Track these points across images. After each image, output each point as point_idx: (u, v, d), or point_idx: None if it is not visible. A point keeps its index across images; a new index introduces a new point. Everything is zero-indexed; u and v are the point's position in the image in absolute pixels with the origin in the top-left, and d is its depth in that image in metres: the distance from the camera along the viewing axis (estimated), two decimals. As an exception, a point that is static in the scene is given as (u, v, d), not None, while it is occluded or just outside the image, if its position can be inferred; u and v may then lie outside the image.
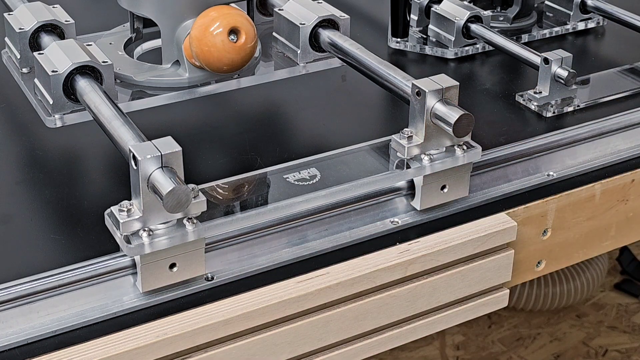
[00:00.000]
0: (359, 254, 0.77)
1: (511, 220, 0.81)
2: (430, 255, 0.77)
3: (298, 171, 0.79)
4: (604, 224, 0.90)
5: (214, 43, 0.84)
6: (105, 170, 0.88)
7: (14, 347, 0.67)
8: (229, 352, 0.70)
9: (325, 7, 0.94)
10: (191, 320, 0.69)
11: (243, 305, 0.71)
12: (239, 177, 0.78)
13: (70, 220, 0.80)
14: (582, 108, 0.98)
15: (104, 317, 0.70)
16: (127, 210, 0.69)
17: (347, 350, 0.77)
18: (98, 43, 0.91)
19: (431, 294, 0.78)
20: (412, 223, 0.80)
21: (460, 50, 1.09)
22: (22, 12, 0.92)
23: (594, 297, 2.01)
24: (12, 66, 0.92)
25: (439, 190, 0.81)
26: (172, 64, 0.91)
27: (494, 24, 1.14)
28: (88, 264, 0.71)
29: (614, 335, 1.91)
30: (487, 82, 1.06)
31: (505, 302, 0.84)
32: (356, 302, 0.75)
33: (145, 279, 0.70)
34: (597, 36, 1.18)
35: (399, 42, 1.12)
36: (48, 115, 0.83)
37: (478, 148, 0.80)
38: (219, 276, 0.73)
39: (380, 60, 0.87)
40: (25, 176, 0.86)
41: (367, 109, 1.01)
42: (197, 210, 0.70)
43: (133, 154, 0.67)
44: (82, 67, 0.82)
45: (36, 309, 0.69)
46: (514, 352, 1.86)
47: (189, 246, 0.70)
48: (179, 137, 0.69)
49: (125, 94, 0.88)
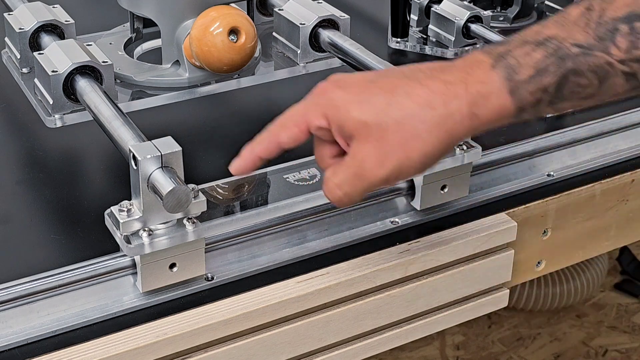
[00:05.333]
0: (359, 254, 0.77)
1: (511, 220, 0.81)
2: (430, 255, 0.77)
3: (298, 171, 0.79)
4: (603, 224, 0.90)
5: (214, 43, 0.84)
6: (105, 170, 0.88)
7: (14, 347, 0.67)
8: (229, 352, 0.70)
9: (325, 7, 0.94)
10: (191, 320, 0.69)
11: (243, 305, 0.71)
12: (239, 177, 0.78)
13: (70, 220, 0.80)
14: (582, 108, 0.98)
15: (104, 317, 0.70)
16: (127, 210, 0.69)
17: (347, 350, 0.77)
18: (98, 43, 0.91)
19: (431, 294, 0.78)
20: (412, 223, 0.80)
21: (460, 50, 1.09)
22: (22, 12, 0.92)
23: (594, 297, 2.01)
24: (12, 66, 0.92)
25: (439, 190, 0.81)
26: (172, 64, 0.91)
27: (494, 24, 1.14)
28: (88, 264, 0.71)
29: (614, 335, 1.91)
30: (487, 82, 1.06)
31: (505, 302, 0.84)
32: (356, 302, 0.75)
33: (145, 279, 0.70)
34: (597, 36, 1.18)
35: (399, 42, 1.12)
36: (48, 115, 0.83)
37: (478, 148, 0.80)
38: (219, 276, 0.73)
39: (380, 60, 0.87)
40: (25, 176, 0.86)
41: (367, 109, 1.01)
42: (197, 210, 0.70)
43: (133, 154, 0.67)
44: (82, 67, 0.82)
45: (36, 309, 0.69)
46: (514, 352, 1.86)
47: (189, 246, 0.70)
48: (179, 137, 0.69)
49: (125, 94, 0.88)
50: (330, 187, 0.66)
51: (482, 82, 0.64)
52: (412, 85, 0.64)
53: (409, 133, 0.63)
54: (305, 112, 0.67)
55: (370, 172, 0.64)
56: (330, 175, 0.66)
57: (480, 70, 0.64)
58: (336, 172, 0.66)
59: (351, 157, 0.65)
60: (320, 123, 0.66)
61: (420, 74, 0.65)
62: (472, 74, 0.64)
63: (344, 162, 0.65)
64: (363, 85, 0.66)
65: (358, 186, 0.65)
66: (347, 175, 0.65)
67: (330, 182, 0.66)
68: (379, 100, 0.64)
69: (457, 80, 0.64)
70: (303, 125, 0.66)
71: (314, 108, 0.66)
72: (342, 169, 0.65)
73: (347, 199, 0.66)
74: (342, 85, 0.66)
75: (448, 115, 0.63)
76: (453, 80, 0.64)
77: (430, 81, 0.64)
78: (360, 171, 0.64)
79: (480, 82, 0.64)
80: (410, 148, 0.64)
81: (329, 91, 0.66)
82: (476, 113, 0.64)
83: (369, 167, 0.64)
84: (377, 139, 0.64)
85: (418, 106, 0.64)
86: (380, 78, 0.67)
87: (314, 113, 0.66)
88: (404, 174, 0.65)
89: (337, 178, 0.65)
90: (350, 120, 0.64)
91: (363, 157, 0.64)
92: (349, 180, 0.65)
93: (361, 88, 0.65)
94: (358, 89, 0.65)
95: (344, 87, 0.66)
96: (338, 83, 0.67)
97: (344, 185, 0.65)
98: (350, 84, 0.66)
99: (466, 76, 0.64)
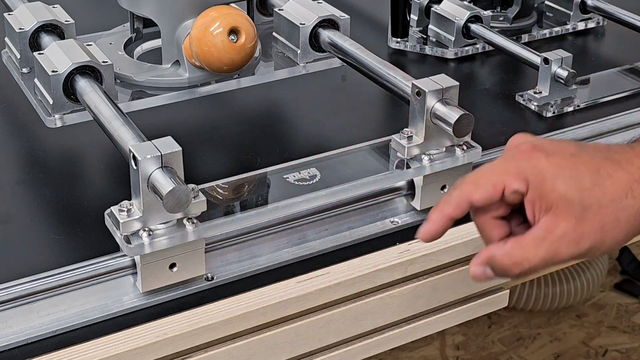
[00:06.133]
0: (359, 254, 0.77)
1: (511, 220, 0.81)
2: (430, 255, 0.77)
3: (298, 171, 0.79)
4: (604, 224, 0.90)
5: (214, 43, 0.84)
6: (105, 170, 0.88)
7: (14, 347, 0.67)
8: (229, 352, 0.70)
9: (325, 7, 0.94)
10: (191, 320, 0.69)
11: (243, 305, 0.71)
12: (239, 177, 0.78)
13: (70, 220, 0.80)
14: (582, 108, 0.98)
15: (104, 317, 0.70)
16: (127, 210, 0.69)
17: (347, 350, 0.77)
18: (98, 43, 0.91)
19: (431, 294, 0.78)
20: (412, 223, 0.80)
21: (460, 50, 1.09)
22: (22, 12, 0.92)
23: (594, 297, 2.01)
24: (12, 66, 0.92)
25: (439, 190, 0.81)
26: (172, 64, 0.91)
27: (494, 24, 1.14)
28: (88, 264, 0.71)
29: (614, 335, 1.91)
30: (487, 82, 1.06)
31: (505, 302, 0.84)
32: (356, 302, 0.75)
33: (145, 279, 0.70)
34: (597, 36, 1.18)
35: (399, 42, 1.12)
36: (48, 115, 0.83)
37: (478, 148, 0.80)
38: (219, 276, 0.73)
39: (380, 60, 0.87)
40: (25, 176, 0.86)
41: (367, 109, 1.01)
42: (197, 210, 0.70)
43: (133, 154, 0.67)
44: (82, 67, 0.82)
45: (36, 309, 0.69)
46: (514, 352, 1.86)
47: (189, 246, 0.70)
48: (179, 137, 0.69)
49: (125, 94, 0.88)
50: (517, 259, 0.64)
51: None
52: (614, 167, 0.64)
53: (609, 218, 0.63)
54: (506, 173, 0.65)
55: (565, 249, 0.63)
56: (516, 248, 0.64)
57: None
58: (524, 246, 0.64)
59: (545, 230, 0.63)
60: (519, 187, 0.64)
61: (616, 155, 0.65)
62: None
63: (534, 234, 0.64)
64: (568, 159, 0.64)
65: (548, 262, 0.64)
66: (539, 248, 0.63)
67: (517, 254, 0.64)
68: (585, 179, 0.63)
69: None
70: (499, 186, 0.64)
71: (515, 171, 0.64)
72: (534, 242, 0.63)
73: (532, 271, 0.64)
74: (545, 152, 0.65)
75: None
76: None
77: (629, 166, 0.64)
78: (556, 246, 0.63)
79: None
80: (607, 233, 0.63)
81: (533, 158, 0.64)
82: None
83: (565, 244, 0.63)
84: (577, 218, 0.63)
85: (622, 192, 0.63)
86: (583, 153, 0.65)
87: (516, 176, 0.64)
88: (589, 255, 0.64)
89: (526, 252, 0.64)
90: (555, 193, 0.63)
91: (562, 234, 0.63)
92: (540, 254, 0.63)
93: (567, 161, 0.64)
94: (564, 161, 0.64)
95: (548, 156, 0.64)
96: (540, 149, 0.65)
97: (534, 259, 0.64)
98: (552, 152, 0.65)
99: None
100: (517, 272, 0.64)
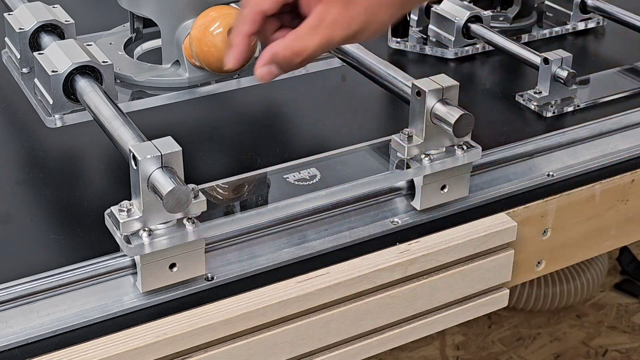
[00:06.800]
0: (359, 254, 0.77)
1: (511, 220, 0.81)
2: (430, 255, 0.77)
3: (298, 171, 0.79)
4: (604, 224, 0.90)
5: (214, 43, 0.84)
6: (105, 170, 0.88)
7: (14, 347, 0.67)
8: (229, 352, 0.70)
9: (325, 7, 0.93)
10: (191, 320, 0.69)
11: (243, 305, 0.71)
12: (239, 177, 0.78)
13: (70, 220, 0.80)
14: (582, 108, 0.98)
15: (104, 317, 0.70)
16: (127, 210, 0.69)
17: (347, 350, 0.77)
18: (98, 43, 0.91)
19: (431, 294, 0.78)
20: (412, 223, 0.80)
21: (460, 50, 1.09)
22: (22, 12, 0.92)
23: (594, 297, 2.01)
24: (12, 66, 0.92)
25: (438, 190, 0.81)
26: (172, 64, 0.91)
27: (494, 24, 1.14)
28: (88, 264, 0.71)
29: (614, 335, 1.91)
30: (487, 82, 1.06)
31: (505, 302, 0.84)
32: (356, 302, 0.75)
33: (145, 279, 0.70)
34: (597, 36, 1.18)
35: (399, 42, 1.12)
36: (48, 115, 0.83)
37: (478, 148, 0.80)
38: (219, 276, 0.73)
39: (380, 60, 0.87)
40: (25, 176, 0.86)
41: (367, 109, 1.01)
42: (197, 210, 0.70)
43: (133, 154, 0.67)
44: (82, 67, 0.82)
45: (36, 309, 0.69)
46: (514, 352, 1.86)
47: (189, 246, 0.70)
48: (179, 137, 0.69)
49: (125, 94, 0.88)
50: (296, 49, 0.70)
51: None
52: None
53: (373, 1, 0.70)
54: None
55: (338, 33, 0.70)
56: (294, 39, 0.70)
57: None
58: (301, 36, 0.70)
59: (318, 18, 0.69)
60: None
61: None
62: None
63: (309, 23, 0.70)
64: None
65: (324, 46, 0.70)
66: (315, 35, 0.69)
67: (296, 44, 0.70)
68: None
69: None
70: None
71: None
72: (309, 30, 0.70)
73: (311, 58, 0.71)
74: None
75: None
76: None
77: None
78: (329, 31, 0.69)
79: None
80: (372, 15, 0.70)
81: None
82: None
83: (338, 28, 0.70)
84: (344, 4, 0.69)
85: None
86: None
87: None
88: (359, 37, 0.71)
89: (304, 41, 0.70)
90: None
91: (333, 20, 0.69)
92: (316, 41, 0.70)
93: None
94: None
95: None
96: None
97: (312, 46, 0.70)
98: None
99: None
100: (299, 61, 0.71)
